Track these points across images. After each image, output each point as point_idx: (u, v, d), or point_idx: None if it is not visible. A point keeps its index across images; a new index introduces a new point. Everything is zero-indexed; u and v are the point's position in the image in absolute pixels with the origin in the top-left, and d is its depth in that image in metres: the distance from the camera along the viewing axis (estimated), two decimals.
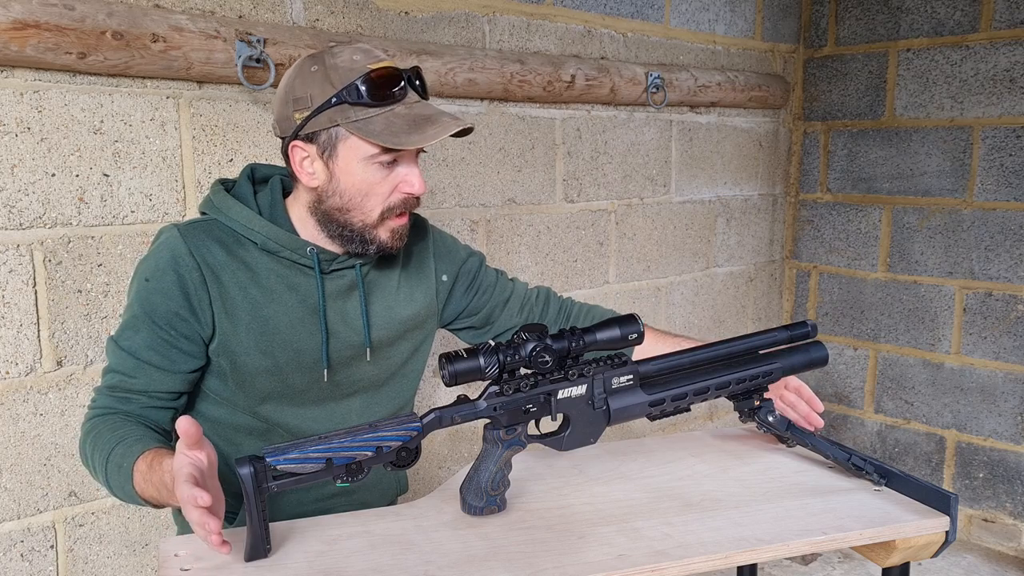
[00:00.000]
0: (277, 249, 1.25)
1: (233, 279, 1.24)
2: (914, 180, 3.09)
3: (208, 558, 1.02)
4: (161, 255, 1.22)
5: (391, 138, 1.18)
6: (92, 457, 1.18)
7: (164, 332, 1.21)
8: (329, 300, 1.29)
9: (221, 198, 1.27)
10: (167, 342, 1.21)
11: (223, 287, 1.23)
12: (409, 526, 1.11)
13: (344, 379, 1.33)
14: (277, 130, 1.27)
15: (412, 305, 1.38)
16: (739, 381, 1.24)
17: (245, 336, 1.24)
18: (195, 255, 1.22)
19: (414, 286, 1.40)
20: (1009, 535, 2.98)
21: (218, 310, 1.23)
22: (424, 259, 1.43)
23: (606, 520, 1.11)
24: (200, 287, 1.21)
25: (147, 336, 1.21)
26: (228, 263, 1.24)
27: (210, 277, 1.22)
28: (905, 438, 3.20)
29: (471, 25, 2.24)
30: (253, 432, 1.30)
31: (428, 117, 1.21)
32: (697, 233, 3.04)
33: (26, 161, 1.56)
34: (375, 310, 1.34)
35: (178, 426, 0.96)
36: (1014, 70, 2.82)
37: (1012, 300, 2.89)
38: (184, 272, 1.21)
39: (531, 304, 1.53)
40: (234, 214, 1.25)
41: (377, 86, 1.19)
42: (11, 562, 1.61)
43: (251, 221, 1.25)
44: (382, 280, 1.36)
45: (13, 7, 1.43)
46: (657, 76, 2.66)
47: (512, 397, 1.11)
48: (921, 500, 1.16)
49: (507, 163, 2.38)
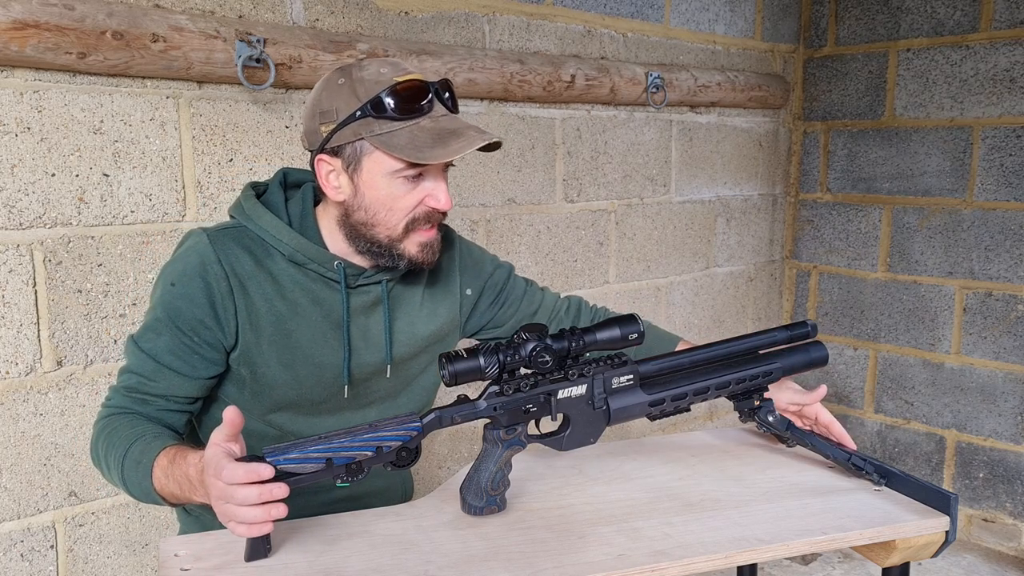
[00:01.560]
0: (304, 262, 1.24)
1: (259, 290, 1.22)
2: (914, 180, 3.09)
3: (208, 558, 1.02)
4: (189, 260, 1.20)
5: (415, 152, 1.16)
6: (106, 455, 1.17)
7: (187, 338, 1.20)
8: (353, 316, 1.28)
9: (252, 205, 1.25)
10: (189, 348, 1.20)
11: (249, 298, 1.22)
12: (409, 526, 1.11)
13: (362, 392, 1.32)
14: (305, 143, 1.25)
15: (435, 321, 1.37)
16: (739, 381, 1.24)
17: (267, 348, 1.23)
18: (223, 263, 1.20)
19: (438, 301, 1.38)
20: (1009, 535, 2.98)
21: (243, 320, 1.21)
22: (450, 273, 1.41)
23: (606, 520, 1.11)
24: (227, 296, 1.20)
25: (169, 340, 1.20)
26: (255, 273, 1.22)
27: (237, 287, 1.21)
28: (905, 438, 3.20)
29: (471, 25, 2.24)
30: (265, 438, 1.28)
31: (454, 131, 1.18)
32: (697, 233, 3.04)
33: (26, 161, 1.56)
34: (398, 326, 1.33)
35: (225, 415, 0.96)
36: (1014, 70, 2.82)
37: (1012, 300, 2.89)
38: (212, 280, 1.19)
39: (560, 315, 1.52)
40: (264, 223, 1.23)
41: (402, 99, 1.16)
42: (11, 562, 1.61)
43: (280, 232, 1.23)
44: (406, 295, 1.34)
45: (13, 7, 1.43)
46: (657, 76, 2.66)
47: (512, 397, 1.11)
48: (921, 500, 1.16)
49: (507, 163, 2.38)
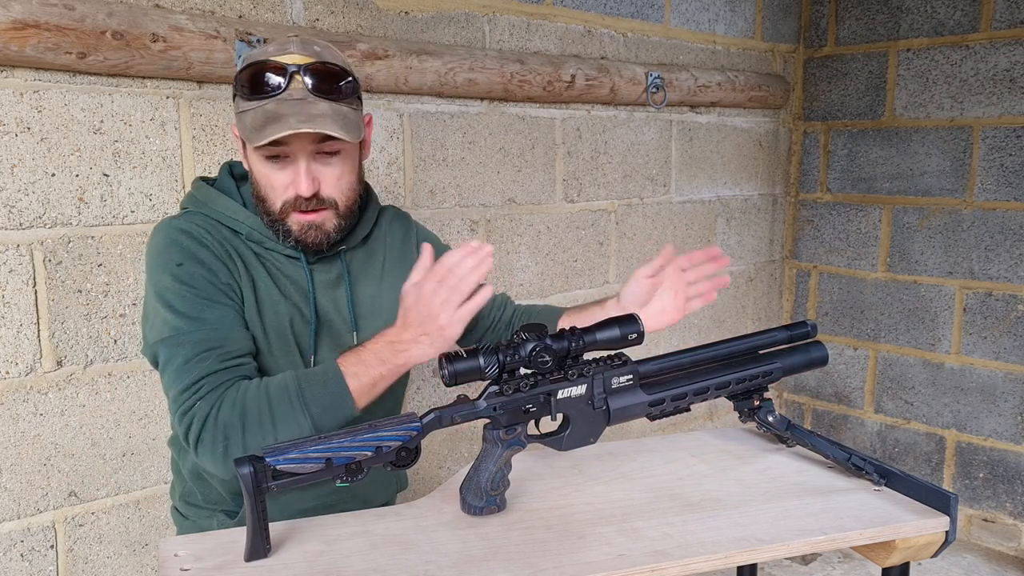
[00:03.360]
0: (262, 240, 1.27)
1: (232, 262, 1.26)
2: (914, 180, 3.09)
3: (208, 558, 1.02)
4: (181, 241, 1.22)
5: (247, 133, 1.18)
6: (272, 412, 1.13)
7: (225, 300, 1.21)
8: (321, 289, 1.31)
9: (205, 192, 1.29)
10: (231, 308, 1.22)
11: (243, 259, 1.26)
12: (409, 526, 1.11)
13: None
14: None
15: (394, 294, 1.38)
16: (739, 381, 1.24)
17: (255, 315, 1.26)
18: (209, 232, 1.24)
19: (397, 275, 1.40)
20: (1009, 535, 2.98)
21: (243, 279, 1.25)
22: (406, 245, 1.45)
23: (606, 520, 1.11)
24: (226, 258, 1.24)
25: (213, 311, 1.19)
26: (226, 247, 1.26)
27: (230, 247, 1.25)
28: (905, 438, 3.20)
29: (471, 25, 2.24)
30: None
31: (280, 116, 1.15)
32: (697, 233, 3.04)
33: (26, 161, 1.56)
34: (362, 298, 1.36)
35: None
36: (1014, 70, 2.82)
37: (1012, 300, 2.89)
38: (209, 244, 1.23)
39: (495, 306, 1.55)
40: (219, 206, 1.27)
41: (249, 80, 1.18)
42: (11, 562, 1.61)
43: (237, 212, 1.27)
44: (367, 268, 1.38)
45: (13, 7, 1.43)
46: (657, 76, 2.66)
47: (512, 397, 1.11)
48: (921, 500, 1.16)
49: (507, 163, 2.38)
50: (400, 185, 2.13)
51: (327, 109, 1.18)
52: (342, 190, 1.26)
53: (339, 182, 1.25)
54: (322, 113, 1.17)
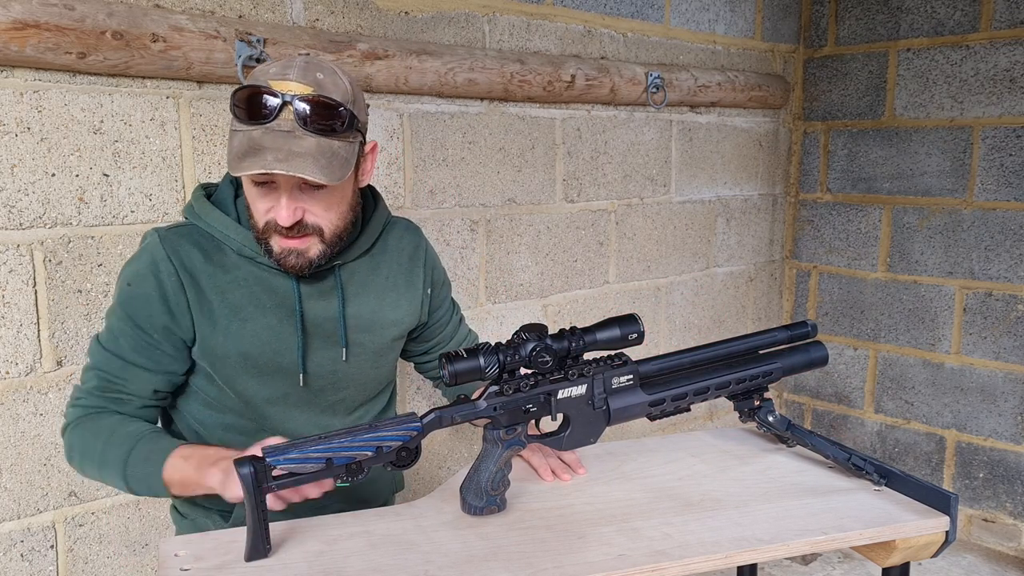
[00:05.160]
0: (252, 255, 1.26)
1: (211, 283, 1.25)
2: (914, 180, 3.09)
3: (208, 558, 1.02)
4: (142, 260, 1.25)
5: (229, 157, 1.16)
6: (103, 452, 1.21)
7: (147, 336, 1.24)
8: (310, 301, 1.30)
9: (200, 204, 1.29)
10: (151, 345, 1.25)
11: (201, 291, 1.25)
12: (409, 526, 1.11)
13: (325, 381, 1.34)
14: None
15: (397, 311, 1.39)
16: (739, 381, 1.24)
17: (223, 339, 1.25)
18: (173, 260, 1.23)
19: (401, 292, 1.39)
20: (1009, 535, 2.98)
21: (196, 313, 1.24)
22: (414, 267, 1.42)
23: (606, 520, 1.11)
24: (178, 291, 1.23)
25: (131, 339, 1.24)
26: (206, 267, 1.25)
27: (188, 281, 1.24)
28: (905, 438, 3.20)
29: (471, 25, 2.24)
30: (244, 432, 1.31)
31: (260, 149, 1.11)
32: (697, 233, 3.04)
33: (26, 161, 1.56)
34: (360, 312, 1.34)
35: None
36: (1014, 70, 2.82)
37: (1012, 300, 2.89)
38: (163, 277, 1.23)
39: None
40: (211, 220, 1.27)
41: (239, 104, 1.15)
42: (11, 562, 1.61)
43: (227, 227, 1.26)
44: (370, 281, 1.36)
45: (13, 7, 1.43)
46: (657, 76, 2.66)
47: (512, 397, 1.11)
48: (921, 500, 1.16)
49: (507, 163, 2.38)
50: (400, 185, 2.13)
51: (311, 146, 1.12)
52: (329, 219, 1.22)
53: (326, 212, 1.21)
54: (304, 151, 1.12)
